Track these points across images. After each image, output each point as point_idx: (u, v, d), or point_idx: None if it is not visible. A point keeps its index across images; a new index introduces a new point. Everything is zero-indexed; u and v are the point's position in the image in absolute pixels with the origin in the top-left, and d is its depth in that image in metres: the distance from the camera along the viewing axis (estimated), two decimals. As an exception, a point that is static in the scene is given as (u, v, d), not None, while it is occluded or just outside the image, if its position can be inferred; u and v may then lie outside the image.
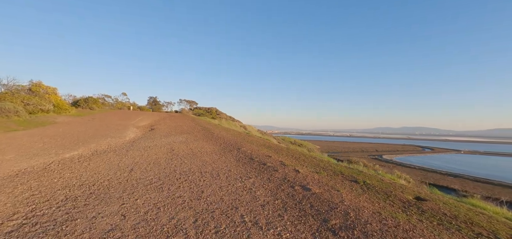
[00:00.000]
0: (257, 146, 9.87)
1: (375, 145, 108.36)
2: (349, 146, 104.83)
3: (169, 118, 27.98)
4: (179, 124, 20.08)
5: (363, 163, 11.91)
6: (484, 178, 46.43)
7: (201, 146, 9.91)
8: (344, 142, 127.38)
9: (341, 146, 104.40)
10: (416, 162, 63.93)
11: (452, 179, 46.59)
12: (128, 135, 13.29)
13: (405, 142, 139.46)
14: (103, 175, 5.68)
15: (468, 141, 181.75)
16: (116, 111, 37.07)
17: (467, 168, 54.26)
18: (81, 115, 24.34)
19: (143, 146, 10.00)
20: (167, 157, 7.84)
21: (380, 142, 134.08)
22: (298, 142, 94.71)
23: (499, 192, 38.02)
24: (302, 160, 7.49)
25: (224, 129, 17.51)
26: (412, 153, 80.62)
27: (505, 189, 39.57)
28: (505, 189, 39.41)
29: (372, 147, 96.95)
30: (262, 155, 7.96)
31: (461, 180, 45.81)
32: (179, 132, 14.70)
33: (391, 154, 78.48)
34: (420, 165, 59.08)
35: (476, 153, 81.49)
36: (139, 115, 30.19)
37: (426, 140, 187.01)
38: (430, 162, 63.34)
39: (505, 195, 34.96)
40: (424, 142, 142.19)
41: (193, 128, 17.35)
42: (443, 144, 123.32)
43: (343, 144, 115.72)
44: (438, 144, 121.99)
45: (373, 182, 5.22)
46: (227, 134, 13.76)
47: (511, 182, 42.36)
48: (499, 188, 40.26)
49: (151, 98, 58.05)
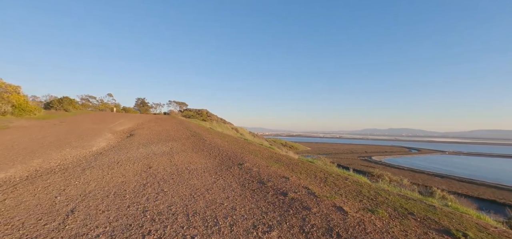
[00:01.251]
0: (263, 159, 7.55)
1: (364, 146, 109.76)
2: (339, 147, 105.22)
3: (154, 121, 24.96)
4: (165, 128, 17.28)
5: (388, 177, 9.94)
6: (469, 178, 47.20)
7: (189, 160, 7.43)
8: (334, 144, 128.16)
9: (331, 147, 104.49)
10: (404, 163, 64.54)
11: (439, 179, 46.94)
12: (97, 144, 10.45)
13: (393, 143, 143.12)
14: (10, 228, 3.12)
15: (452, 142, 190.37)
16: (96, 113, 33.23)
17: (452, 169, 55.24)
18: (49, 118, 20.77)
19: (110, 160, 7.35)
20: (140, 180, 5.33)
21: (368, 143, 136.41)
22: (289, 144, 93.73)
23: (483, 191, 38.46)
24: (331, 183, 5.28)
25: (218, 134, 15.04)
26: (400, 154, 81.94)
27: (489, 188, 40.18)
28: (489, 189, 40.00)
29: (361, 148, 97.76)
30: (275, 175, 5.66)
31: (448, 181, 46.23)
32: (164, 139, 12.04)
33: (380, 155, 79.11)
34: (409, 166, 59.55)
35: (460, 153, 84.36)
36: (121, 117, 26.85)
37: (412, 141, 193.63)
38: (418, 163, 64.16)
39: (488, 194, 35.27)
40: (410, 143, 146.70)
41: (181, 132, 14.68)
42: (429, 145, 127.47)
43: (333, 145, 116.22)
44: (424, 145, 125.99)
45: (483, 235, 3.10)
46: (222, 141, 11.31)
47: (493, 182, 43.30)
48: (483, 187, 40.85)
49: (139, 99, 54.18)
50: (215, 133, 15.42)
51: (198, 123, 33.30)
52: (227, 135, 14.82)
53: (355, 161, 65.45)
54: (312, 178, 5.54)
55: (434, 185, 43.26)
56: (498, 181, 44.82)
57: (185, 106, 56.02)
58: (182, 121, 26.23)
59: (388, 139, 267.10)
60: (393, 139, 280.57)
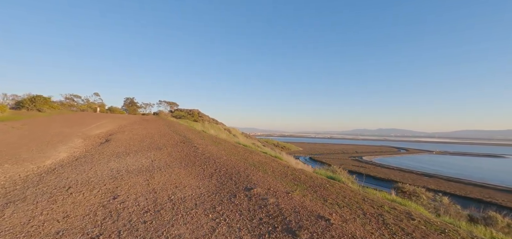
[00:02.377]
0: (275, 178, 5.55)
1: (354, 146, 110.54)
2: (330, 147, 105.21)
3: (139, 122, 22.27)
4: (149, 132, 14.82)
5: (425, 196, 8.26)
6: (456, 177, 47.82)
7: (175, 181, 5.30)
8: (325, 144, 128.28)
9: (323, 147, 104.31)
10: (394, 163, 64.99)
11: (428, 179, 47.18)
12: (56, 155, 8.00)
13: (382, 143, 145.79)
14: None
15: (438, 142, 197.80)
16: (75, 114, 29.67)
17: (439, 168, 56.05)
18: (13, 119, 17.62)
19: (59, 184, 5.06)
20: (90, 227, 3.19)
21: (358, 144, 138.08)
22: (281, 144, 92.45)
23: (470, 190, 38.78)
24: (393, 225, 3.38)
25: (212, 138, 12.84)
26: (389, 154, 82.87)
27: (475, 188, 40.65)
28: (475, 188, 40.46)
29: (352, 149, 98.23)
30: (304, 213, 3.69)
31: (436, 180, 46.52)
32: (146, 146, 9.73)
33: (370, 155, 79.55)
34: (398, 166, 59.90)
35: (446, 153, 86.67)
36: (103, 118, 23.87)
37: (401, 141, 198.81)
38: (406, 163, 64.81)
39: (475, 193, 35.46)
40: (399, 143, 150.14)
41: (168, 137, 12.35)
42: (417, 145, 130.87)
43: (325, 145, 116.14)
44: (412, 145, 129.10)
45: None
46: (218, 149, 9.17)
47: (479, 181, 44.04)
48: (470, 186, 41.28)
49: (128, 99, 50.39)
50: (209, 137, 13.21)
51: (189, 124, 30.67)
52: (223, 140, 12.64)
53: (347, 161, 65.19)
54: (361, 216, 3.62)
55: (423, 184, 43.38)
56: (483, 179, 45.69)
57: (176, 106, 52.93)
58: (171, 123, 23.65)
59: (378, 139, 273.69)
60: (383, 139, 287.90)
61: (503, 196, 34.33)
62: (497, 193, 35.47)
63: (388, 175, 47.80)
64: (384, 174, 49.03)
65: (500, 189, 37.81)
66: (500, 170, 52.62)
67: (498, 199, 33.08)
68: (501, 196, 34.55)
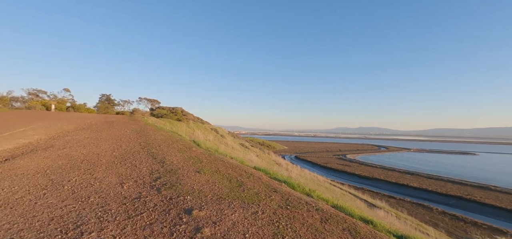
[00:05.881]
0: None
1: (338, 144, 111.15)
2: (315, 146, 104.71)
3: (99, 125, 17.58)
4: (100, 148, 9.74)
5: None
6: (436, 175, 48.14)
7: None
8: (309, 142, 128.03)
9: (307, 146, 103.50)
10: (376, 161, 65.16)
11: (410, 177, 47.11)
12: None
13: (364, 142, 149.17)
14: None
15: (414, 140, 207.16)
16: (9, 112, 23.68)
17: (419, 166, 56.75)
18: None
19: None
20: None
21: (341, 142, 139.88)
22: (266, 143, 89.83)
23: (450, 187, 38.90)
24: None
25: (207, 156, 8.34)
26: (371, 152, 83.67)
27: (454, 185, 40.95)
28: (455, 185, 40.75)
29: (335, 147, 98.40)
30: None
31: (418, 178, 46.39)
32: (65, 196, 4.62)
33: (353, 154, 79.66)
34: (381, 164, 59.85)
35: (423, 151, 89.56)
36: (50, 119, 18.86)
37: (380, 139, 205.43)
38: (388, 160, 65.32)
39: (455, 191, 35.32)
40: (379, 141, 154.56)
41: (127, 165, 7.10)
42: (395, 143, 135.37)
43: (309, 144, 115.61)
44: (391, 143, 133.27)
45: None
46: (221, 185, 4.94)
47: (457, 178, 44.63)
48: (450, 184, 41.54)
49: (104, 95, 43.85)
50: (206, 158, 8.51)
51: (171, 125, 26.23)
52: (227, 161, 7.45)
53: (332, 160, 64.27)
54: None
55: (406, 182, 43.00)
56: (461, 177, 46.43)
57: (158, 104, 47.51)
58: (143, 127, 18.97)
59: (359, 137, 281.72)
60: (363, 137, 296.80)
61: (480, 193, 34.50)
62: (475, 190, 35.66)
63: (372, 173, 47.04)
64: (369, 172, 48.23)
65: (477, 186, 38.21)
66: (474, 167, 54.31)
67: (477, 195, 33.07)
68: (479, 193, 34.72)
